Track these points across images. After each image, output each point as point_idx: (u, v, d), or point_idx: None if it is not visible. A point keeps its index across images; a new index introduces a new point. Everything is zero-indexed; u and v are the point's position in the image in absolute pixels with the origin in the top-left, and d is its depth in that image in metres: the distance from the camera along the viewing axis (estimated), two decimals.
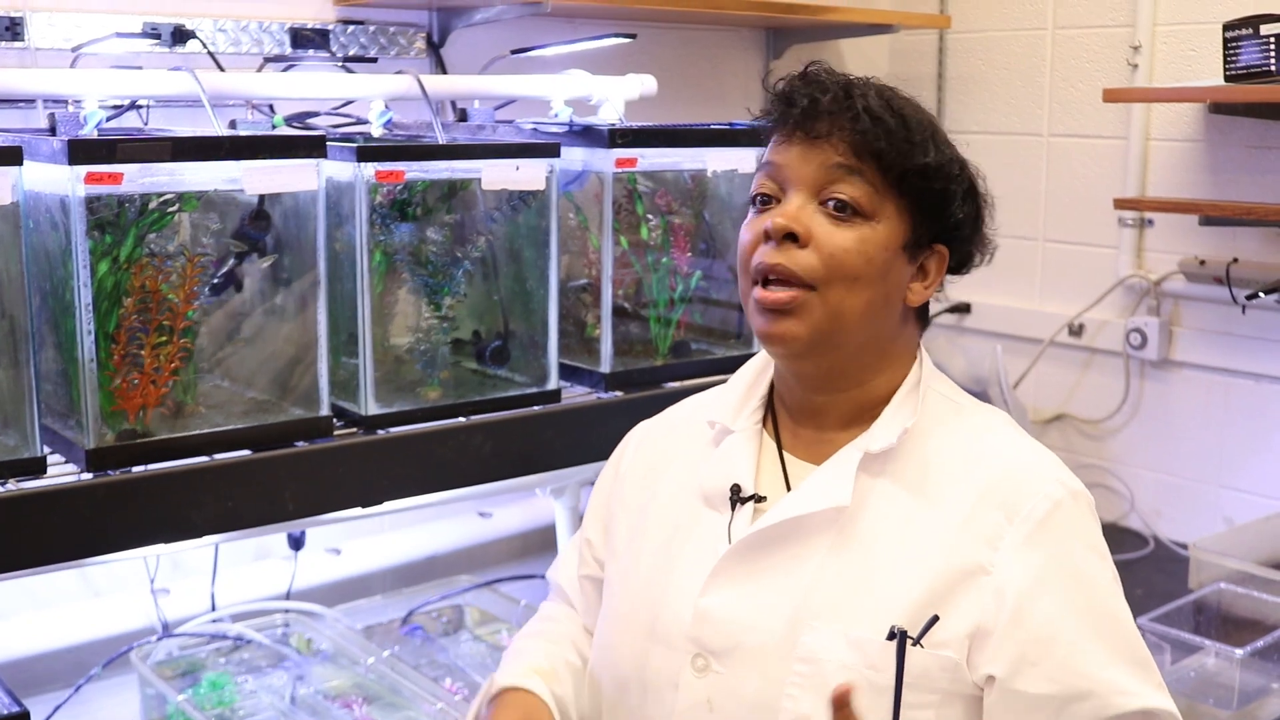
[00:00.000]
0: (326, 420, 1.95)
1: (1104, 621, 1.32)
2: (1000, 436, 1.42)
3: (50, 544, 1.73)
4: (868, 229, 1.33)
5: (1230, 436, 3.17)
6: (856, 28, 3.32)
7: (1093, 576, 1.33)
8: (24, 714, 1.79)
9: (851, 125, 1.32)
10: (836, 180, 1.33)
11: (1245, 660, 2.43)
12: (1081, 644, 1.29)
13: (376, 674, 2.40)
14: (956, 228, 1.39)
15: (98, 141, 1.73)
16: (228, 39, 2.48)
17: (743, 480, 1.42)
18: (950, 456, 1.38)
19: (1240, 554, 2.82)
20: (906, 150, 1.33)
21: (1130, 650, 1.33)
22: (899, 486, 1.37)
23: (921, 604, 1.30)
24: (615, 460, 1.63)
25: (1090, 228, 3.36)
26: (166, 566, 2.52)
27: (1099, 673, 1.29)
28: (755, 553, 1.37)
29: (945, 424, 1.41)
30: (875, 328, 1.37)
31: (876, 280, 1.34)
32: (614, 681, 1.45)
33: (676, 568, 1.43)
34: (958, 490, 1.35)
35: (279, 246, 1.94)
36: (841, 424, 1.42)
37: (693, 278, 2.40)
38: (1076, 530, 1.34)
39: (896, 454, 1.38)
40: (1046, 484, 1.35)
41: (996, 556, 1.31)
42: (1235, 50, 2.75)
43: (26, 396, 1.73)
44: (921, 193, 1.35)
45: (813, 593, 1.34)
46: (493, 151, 2.08)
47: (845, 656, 1.30)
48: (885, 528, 1.35)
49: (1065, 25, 3.37)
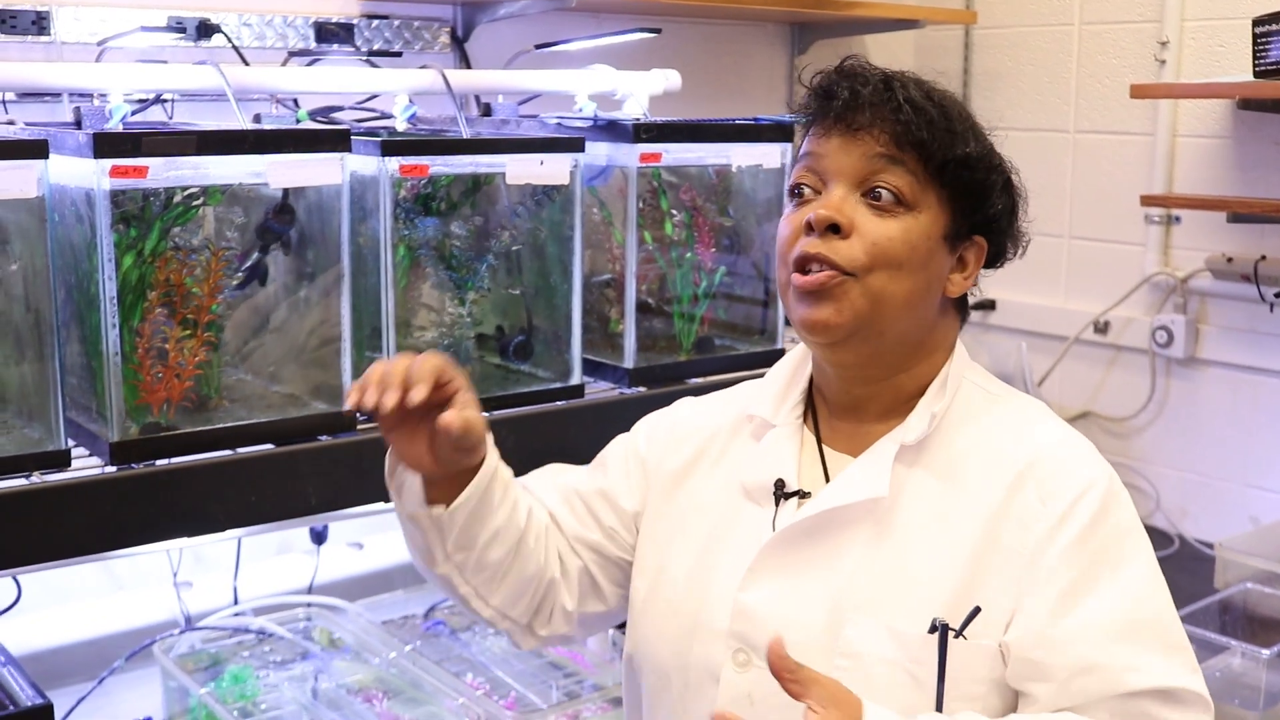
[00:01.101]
0: (350, 415, 1.95)
1: (1127, 600, 1.30)
2: (1035, 423, 1.41)
3: (74, 537, 1.73)
4: (910, 219, 1.33)
5: (1257, 435, 3.15)
6: (882, 23, 3.30)
7: (1123, 557, 1.32)
8: (47, 706, 1.80)
9: (893, 116, 1.32)
10: (879, 171, 1.33)
11: (1272, 661, 2.41)
12: (1101, 620, 1.28)
13: (398, 668, 2.40)
14: (995, 219, 1.39)
15: (123, 135, 1.73)
16: (252, 33, 2.48)
17: (787, 475, 1.42)
18: (984, 444, 1.38)
19: (1266, 554, 2.80)
20: (948, 140, 1.33)
21: (1155, 630, 1.30)
22: (934, 476, 1.36)
23: (960, 593, 1.30)
24: (641, 441, 1.58)
25: (1117, 225, 3.34)
26: (189, 560, 2.52)
27: (1110, 646, 1.27)
28: (793, 545, 1.37)
29: (980, 413, 1.41)
30: (915, 317, 1.37)
31: (919, 269, 1.34)
32: (655, 673, 1.45)
33: (719, 563, 1.42)
34: (991, 477, 1.35)
35: (303, 240, 1.94)
36: (879, 416, 1.42)
37: (717, 273, 2.39)
38: (1109, 512, 1.33)
39: (931, 444, 1.38)
40: (1080, 467, 1.35)
41: (1030, 539, 1.30)
42: (1265, 46, 2.73)
43: (51, 389, 1.73)
44: (962, 183, 1.35)
45: (852, 586, 1.33)
46: (517, 146, 2.08)
47: (887, 650, 1.30)
48: (922, 518, 1.35)
49: (1092, 20, 3.35)
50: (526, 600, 1.51)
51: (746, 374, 2.36)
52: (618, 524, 1.54)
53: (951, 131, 1.33)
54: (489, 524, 1.43)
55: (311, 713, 2.30)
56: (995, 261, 1.45)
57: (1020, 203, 1.43)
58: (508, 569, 1.47)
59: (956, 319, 1.45)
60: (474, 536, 1.43)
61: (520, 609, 1.51)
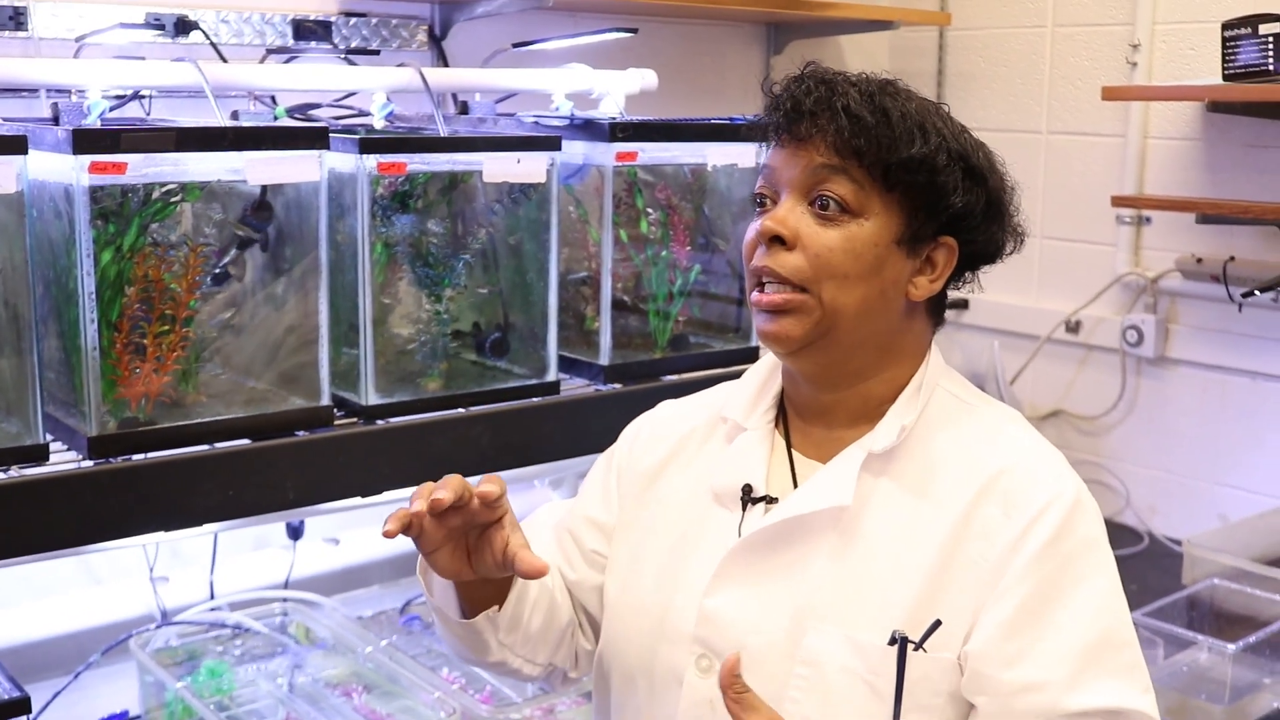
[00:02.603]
0: (327, 410, 1.96)
1: (1082, 620, 1.29)
2: (1006, 435, 1.40)
3: (52, 531, 1.74)
4: (854, 226, 1.33)
5: (1225, 434, 3.19)
6: (857, 24, 3.32)
7: (1083, 574, 1.31)
8: (24, 699, 1.80)
9: (831, 125, 1.32)
10: (822, 180, 1.33)
11: (1237, 655, 2.44)
12: (1054, 638, 1.28)
13: (374, 663, 2.41)
14: (962, 217, 1.36)
15: (102, 131, 1.74)
16: (230, 30, 2.49)
17: (755, 480, 1.41)
18: (953, 455, 1.37)
19: (1234, 550, 2.83)
20: (888, 145, 1.32)
21: (1108, 650, 1.29)
22: (901, 486, 1.36)
23: (922, 604, 1.30)
24: (624, 447, 1.60)
25: (1088, 225, 3.37)
26: (166, 555, 2.52)
27: (1057, 665, 1.27)
28: (758, 552, 1.37)
29: (952, 423, 1.40)
30: (873, 324, 1.36)
31: (869, 276, 1.33)
32: (622, 674, 1.46)
33: (686, 566, 1.43)
34: (958, 488, 1.34)
35: (281, 237, 1.95)
36: (849, 422, 1.41)
37: (692, 271, 2.41)
38: (1074, 526, 1.32)
39: (899, 453, 1.37)
40: (1046, 480, 1.34)
41: (992, 551, 1.30)
42: (1234, 49, 2.76)
43: (29, 384, 1.74)
44: (909, 185, 1.34)
45: (815, 594, 1.33)
46: (494, 144, 2.09)
47: (847, 660, 1.30)
48: (886, 529, 1.34)
49: (1065, 23, 3.38)
50: (565, 649, 1.53)
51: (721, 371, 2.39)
52: (603, 544, 1.55)
53: (891, 136, 1.32)
54: (528, 599, 1.45)
55: (288, 707, 2.31)
56: (991, 258, 1.43)
57: (1007, 195, 1.40)
58: (547, 629, 1.49)
59: (928, 323, 1.44)
60: (519, 616, 1.44)
61: (560, 656, 1.53)
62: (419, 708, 2.30)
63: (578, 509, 1.59)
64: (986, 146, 1.41)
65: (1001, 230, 1.41)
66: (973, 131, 1.41)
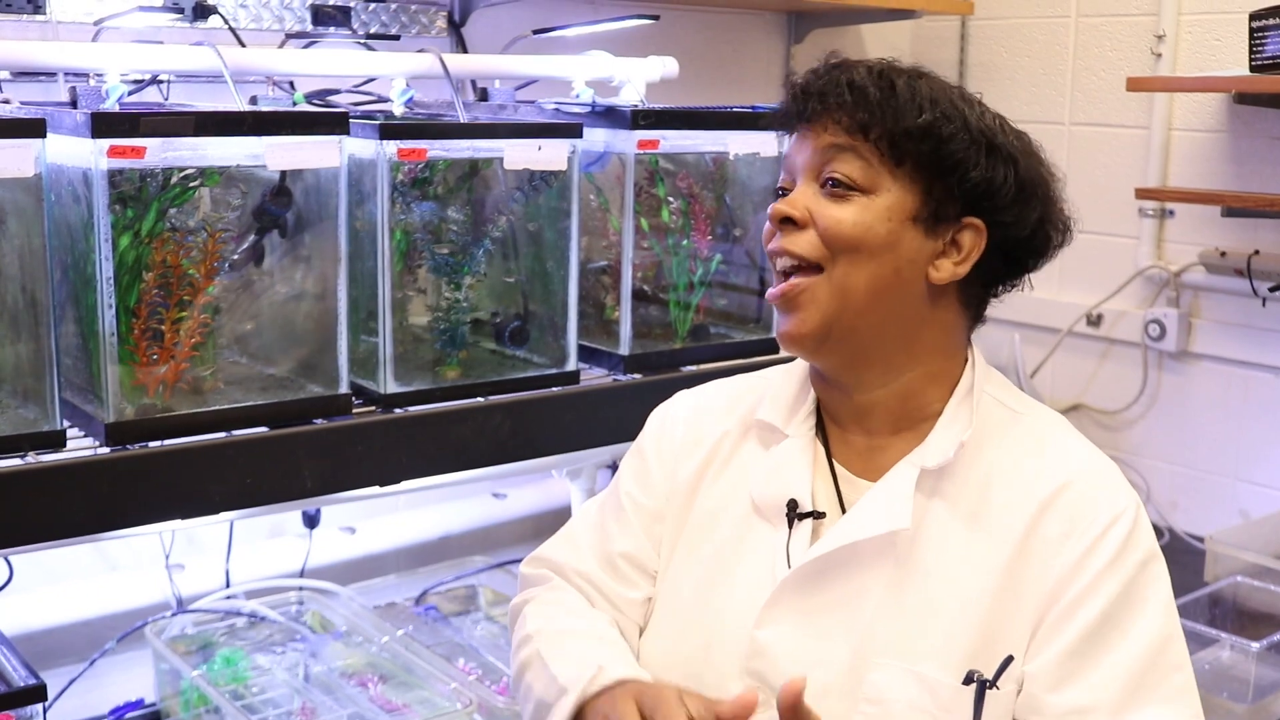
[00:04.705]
0: (345, 398, 1.95)
1: (1137, 647, 1.28)
2: (1058, 446, 1.37)
3: (68, 517, 1.73)
4: (865, 201, 1.31)
5: (1248, 430, 3.16)
6: (878, 13, 3.30)
7: (1144, 597, 1.29)
8: (40, 686, 1.80)
9: (838, 103, 1.32)
10: (831, 160, 1.33)
11: (1261, 654, 2.42)
12: (1106, 661, 1.26)
13: (390, 653, 2.40)
14: (987, 196, 1.32)
15: (121, 115, 1.73)
16: (249, 15, 2.47)
17: (800, 494, 1.37)
18: (1007, 471, 1.34)
19: (1257, 547, 2.81)
20: (893, 115, 1.30)
21: (1160, 676, 1.27)
22: (955, 506, 1.33)
23: (984, 635, 1.28)
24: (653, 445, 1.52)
25: (1111, 217, 3.34)
26: (181, 542, 2.52)
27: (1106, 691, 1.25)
28: (812, 582, 1.33)
29: (1002, 434, 1.37)
30: (889, 306, 1.32)
31: (880, 252, 1.30)
32: None
33: (730, 590, 1.38)
34: (1014, 508, 1.32)
35: (300, 223, 1.93)
36: (890, 428, 1.38)
37: (713, 261, 2.39)
38: (1134, 547, 1.30)
39: (952, 470, 1.34)
40: (1106, 498, 1.32)
41: (1051, 575, 1.28)
42: (1261, 40, 2.73)
43: (47, 370, 1.73)
44: (918, 157, 1.31)
45: (875, 627, 1.30)
46: (515, 131, 2.08)
47: (914, 696, 1.27)
48: (944, 555, 1.31)
49: (1089, 13, 3.35)
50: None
51: (741, 362, 2.38)
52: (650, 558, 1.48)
53: (895, 107, 1.30)
54: None
55: (304, 696, 2.30)
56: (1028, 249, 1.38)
57: (1044, 181, 1.37)
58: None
59: (962, 317, 1.39)
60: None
61: None
62: (435, 698, 2.29)
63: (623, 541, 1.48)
64: (1026, 135, 1.38)
65: (1038, 216, 1.37)
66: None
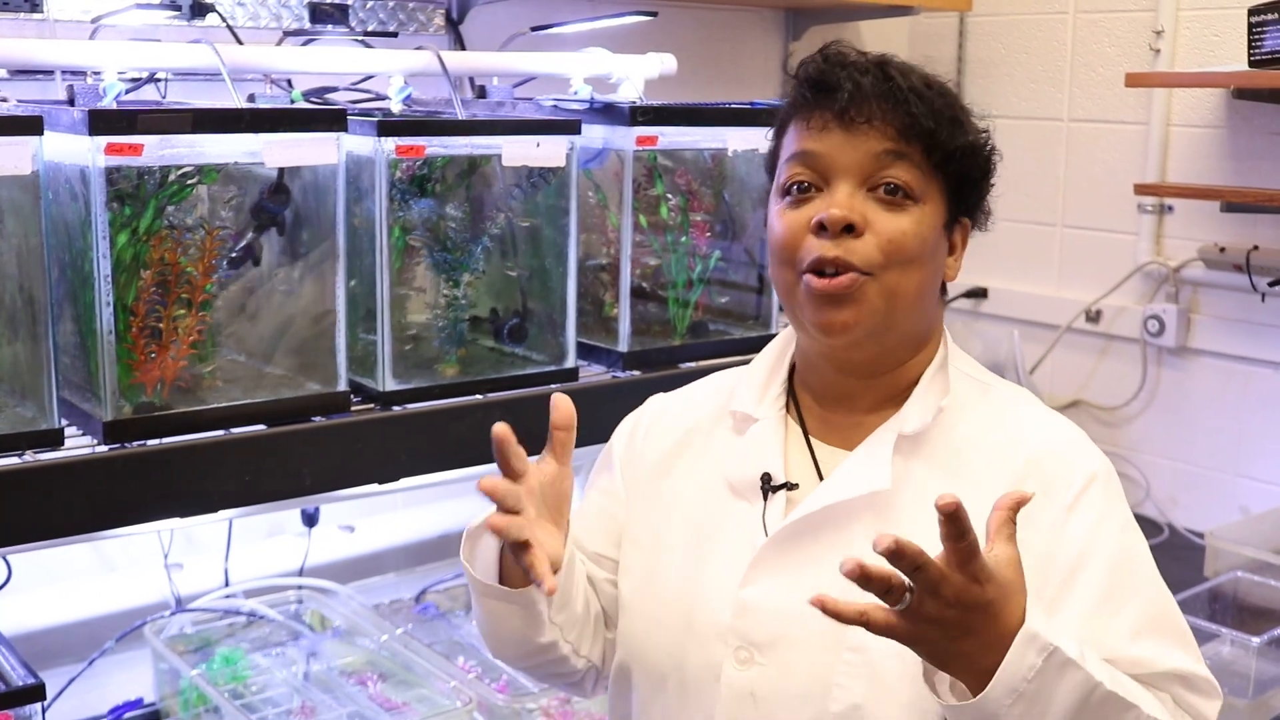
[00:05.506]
0: (344, 396, 1.94)
1: (1138, 591, 1.31)
2: (1030, 415, 1.41)
3: (66, 516, 1.72)
4: (919, 211, 1.31)
5: (1248, 425, 3.16)
6: (877, 9, 3.29)
7: (1128, 547, 1.33)
8: (39, 686, 1.79)
9: (898, 108, 1.29)
10: (886, 166, 1.30)
11: (1261, 649, 2.42)
12: (1111, 616, 1.29)
13: (390, 651, 2.40)
14: (981, 200, 1.40)
15: (118, 112, 1.72)
16: (246, 13, 2.47)
17: (773, 468, 1.39)
18: (983, 437, 1.37)
19: (1256, 543, 2.81)
20: (952, 130, 1.31)
21: (1169, 624, 1.32)
22: (934, 468, 1.35)
23: None
24: (620, 442, 1.57)
25: (1110, 213, 3.34)
26: (180, 542, 2.51)
27: (1124, 645, 1.28)
28: (794, 541, 1.35)
29: (974, 404, 1.40)
30: (923, 309, 1.36)
31: (928, 261, 1.33)
32: (648, 677, 1.42)
33: (711, 561, 1.40)
34: (991, 471, 1.34)
35: (298, 221, 1.93)
36: (873, 407, 1.40)
37: (711, 258, 2.39)
38: (1112, 504, 1.34)
39: (928, 436, 1.36)
40: (1080, 459, 1.35)
41: (1035, 535, 1.28)
42: (1260, 35, 2.73)
43: (45, 368, 1.72)
44: (964, 171, 1.34)
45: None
46: (514, 128, 2.07)
47: (896, 645, 1.25)
48: (924, 512, 1.29)
49: (1087, 9, 3.34)
50: (600, 644, 1.50)
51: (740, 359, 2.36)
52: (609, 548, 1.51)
53: (955, 120, 1.32)
54: (574, 579, 1.42)
55: (303, 695, 2.30)
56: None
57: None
58: (587, 615, 1.46)
59: (942, 303, 1.45)
60: (567, 593, 1.40)
61: (597, 651, 1.49)
62: (435, 696, 2.29)
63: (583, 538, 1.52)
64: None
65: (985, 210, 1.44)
66: (994, 119, 1.41)
